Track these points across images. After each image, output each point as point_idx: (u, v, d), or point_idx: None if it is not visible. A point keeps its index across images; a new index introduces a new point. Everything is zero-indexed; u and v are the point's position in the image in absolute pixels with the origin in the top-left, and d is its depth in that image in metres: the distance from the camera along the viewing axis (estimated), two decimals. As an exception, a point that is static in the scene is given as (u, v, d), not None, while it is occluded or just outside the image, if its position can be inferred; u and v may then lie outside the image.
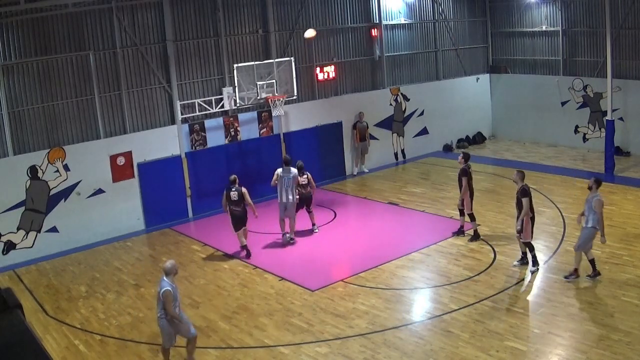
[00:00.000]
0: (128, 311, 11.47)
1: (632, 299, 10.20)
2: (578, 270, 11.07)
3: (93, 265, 14.08)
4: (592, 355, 8.63)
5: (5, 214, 14.28)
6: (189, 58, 16.91)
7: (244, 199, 13.42)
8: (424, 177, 19.32)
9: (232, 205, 13.47)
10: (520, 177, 11.65)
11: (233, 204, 13.46)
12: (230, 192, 13.42)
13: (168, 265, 8.93)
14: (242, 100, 16.73)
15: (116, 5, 15.51)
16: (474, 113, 23.47)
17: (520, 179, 11.63)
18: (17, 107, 14.53)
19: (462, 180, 13.34)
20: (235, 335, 10.21)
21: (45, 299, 12.30)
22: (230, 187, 13.46)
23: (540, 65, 22.53)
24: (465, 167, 13.43)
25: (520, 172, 11.78)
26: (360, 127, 19.91)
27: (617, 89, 19.00)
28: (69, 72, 15.16)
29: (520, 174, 11.70)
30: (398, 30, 21.47)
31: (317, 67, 19.31)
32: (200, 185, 17.11)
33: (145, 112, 16.42)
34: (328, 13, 19.58)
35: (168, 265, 8.92)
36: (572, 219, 14.32)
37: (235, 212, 13.50)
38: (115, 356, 9.85)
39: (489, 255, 12.66)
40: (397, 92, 21.32)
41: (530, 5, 22.27)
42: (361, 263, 12.80)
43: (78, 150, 15.21)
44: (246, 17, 17.81)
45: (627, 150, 19.88)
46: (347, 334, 9.90)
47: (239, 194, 13.39)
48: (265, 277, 12.57)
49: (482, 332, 9.54)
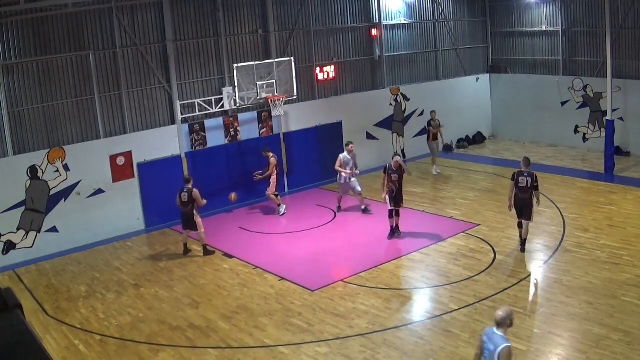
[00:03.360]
0: (128, 311, 11.46)
1: (632, 299, 10.21)
2: None
3: (93, 265, 14.08)
4: (592, 355, 8.63)
5: (5, 214, 14.28)
6: (189, 58, 16.91)
7: (194, 201, 13.72)
8: (424, 177, 19.32)
9: (182, 205, 13.87)
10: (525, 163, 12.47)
11: (182, 205, 13.85)
12: (182, 192, 13.82)
13: (502, 314, 6.36)
14: (242, 100, 16.73)
15: (116, 5, 15.51)
16: (474, 113, 23.47)
17: (526, 165, 12.41)
18: (17, 107, 14.53)
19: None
20: (235, 335, 10.20)
21: (45, 299, 12.29)
22: (182, 188, 13.89)
23: (540, 65, 22.53)
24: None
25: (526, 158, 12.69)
26: (434, 125, 19.45)
27: (617, 89, 19.00)
28: (69, 72, 15.16)
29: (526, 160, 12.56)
30: (398, 30, 21.47)
31: (317, 67, 19.31)
32: (200, 185, 16.97)
33: (145, 112, 16.42)
34: (328, 13, 19.58)
35: (502, 315, 6.35)
36: (571, 219, 14.35)
37: (183, 212, 13.91)
38: (115, 356, 9.85)
39: (489, 255, 12.66)
40: (397, 92, 21.32)
41: (530, 5, 22.27)
42: (361, 263, 12.80)
43: (78, 150, 15.21)
44: (246, 17, 17.81)
45: (627, 150, 19.88)
46: (347, 334, 9.89)
47: (188, 195, 13.72)
48: (265, 277, 12.57)
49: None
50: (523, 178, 12.20)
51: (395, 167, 13.78)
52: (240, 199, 17.70)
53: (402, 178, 13.87)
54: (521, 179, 12.20)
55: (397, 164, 13.76)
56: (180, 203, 13.92)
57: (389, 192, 13.84)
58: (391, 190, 13.83)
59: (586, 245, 12.74)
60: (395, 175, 13.77)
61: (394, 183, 13.76)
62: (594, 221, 14.11)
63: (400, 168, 13.82)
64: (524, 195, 12.19)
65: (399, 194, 13.90)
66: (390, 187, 13.81)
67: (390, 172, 13.84)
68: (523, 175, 12.23)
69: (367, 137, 20.62)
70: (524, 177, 12.19)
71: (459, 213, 15.49)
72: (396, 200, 13.86)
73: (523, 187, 12.18)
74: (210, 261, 13.73)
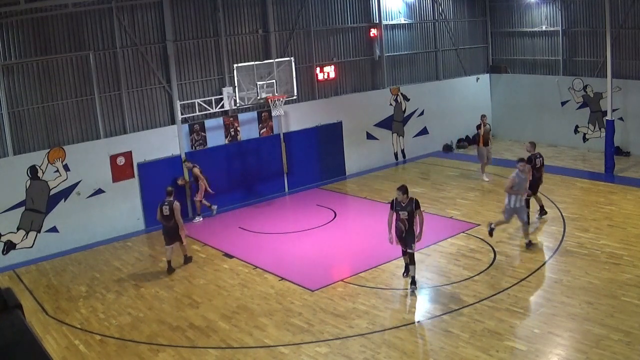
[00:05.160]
0: (128, 311, 11.46)
1: (632, 299, 10.20)
2: None
3: (93, 265, 14.07)
4: (592, 355, 8.62)
5: (5, 214, 14.28)
6: (189, 58, 16.91)
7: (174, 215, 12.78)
8: (424, 177, 19.32)
9: (163, 219, 12.91)
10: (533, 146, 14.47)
11: (164, 219, 12.88)
12: (163, 205, 12.84)
13: None
14: (242, 100, 16.73)
15: (116, 5, 15.51)
16: (474, 113, 23.35)
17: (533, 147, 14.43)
18: (17, 107, 14.53)
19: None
20: (235, 335, 10.20)
21: (45, 299, 12.29)
22: (164, 201, 12.91)
23: (540, 65, 22.53)
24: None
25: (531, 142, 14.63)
26: (485, 130, 18.28)
27: (617, 89, 19.00)
28: (69, 72, 15.17)
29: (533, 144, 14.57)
30: (398, 30, 21.47)
31: (317, 67, 19.31)
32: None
33: (145, 112, 16.42)
34: (328, 13, 19.58)
35: None
36: (571, 219, 14.35)
37: (166, 226, 12.98)
38: (115, 356, 9.85)
39: (489, 255, 12.65)
40: (397, 92, 21.32)
41: (530, 5, 22.27)
42: (361, 263, 12.80)
43: (78, 150, 15.21)
44: (246, 17, 17.81)
45: (627, 150, 19.88)
46: (347, 334, 9.89)
47: (170, 209, 12.78)
48: (265, 277, 12.57)
49: (482, 332, 9.53)
50: (538, 160, 14.25)
51: (404, 203, 10.95)
52: (240, 199, 17.75)
53: (413, 216, 10.92)
54: (537, 160, 14.23)
55: (406, 198, 10.93)
56: (161, 217, 12.92)
57: (396, 232, 11.17)
58: (399, 230, 11.11)
59: (586, 245, 12.74)
60: (404, 212, 10.94)
61: (402, 222, 11.00)
62: (594, 221, 14.11)
63: (412, 203, 10.93)
64: (539, 173, 14.26)
65: (410, 235, 11.03)
66: (399, 226, 11.08)
67: (398, 209, 11.01)
68: (537, 157, 14.27)
69: (367, 137, 20.62)
70: (538, 158, 14.26)
71: (459, 213, 15.49)
72: (406, 241, 11.12)
73: (538, 167, 14.16)
74: (210, 261, 13.72)
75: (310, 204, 17.44)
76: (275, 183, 18.60)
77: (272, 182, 18.49)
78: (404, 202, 10.90)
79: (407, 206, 10.89)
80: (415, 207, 10.88)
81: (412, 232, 10.98)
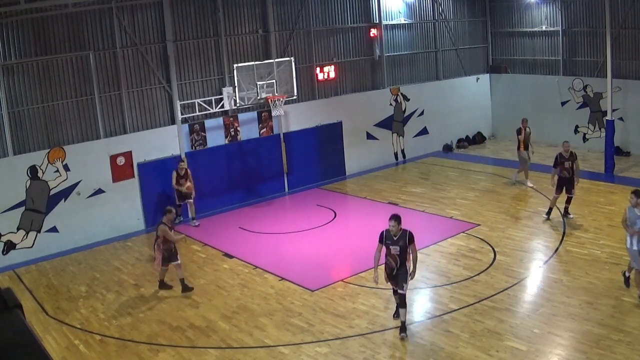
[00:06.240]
0: (128, 311, 11.46)
1: (632, 299, 10.20)
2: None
3: (93, 265, 14.07)
4: (592, 355, 8.62)
5: (5, 214, 14.28)
6: (189, 58, 16.91)
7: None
8: (424, 177, 19.32)
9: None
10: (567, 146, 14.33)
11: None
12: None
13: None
14: (242, 100, 16.73)
15: (116, 5, 15.50)
16: (474, 113, 23.47)
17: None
18: (17, 107, 14.53)
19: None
20: (235, 335, 10.20)
21: (45, 299, 12.29)
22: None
23: (540, 65, 22.53)
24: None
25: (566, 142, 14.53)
26: (526, 133, 17.49)
27: (617, 89, 19.00)
28: (69, 72, 15.16)
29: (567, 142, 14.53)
30: (398, 30, 21.46)
31: (317, 67, 19.30)
32: (200, 185, 17.07)
33: (145, 112, 16.42)
34: (328, 13, 19.58)
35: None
36: (572, 219, 14.34)
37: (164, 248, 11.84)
38: (115, 356, 9.84)
39: (489, 255, 12.65)
40: (397, 92, 21.32)
41: (530, 5, 22.27)
42: (361, 263, 12.77)
43: (78, 150, 15.20)
44: (246, 17, 17.81)
45: (627, 150, 19.88)
46: (347, 334, 9.89)
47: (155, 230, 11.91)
48: (265, 277, 12.57)
49: (482, 332, 9.53)
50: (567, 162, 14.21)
51: (396, 236, 9.30)
52: (240, 199, 17.76)
53: (405, 251, 9.33)
54: (566, 163, 14.17)
55: (399, 230, 9.30)
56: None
57: (385, 268, 9.65)
58: (389, 268, 9.55)
59: (586, 245, 12.74)
60: (396, 247, 9.32)
61: (393, 258, 9.40)
62: (594, 221, 14.11)
63: (405, 237, 9.31)
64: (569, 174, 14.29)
65: (402, 273, 9.40)
66: (389, 262, 9.52)
67: (388, 243, 9.37)
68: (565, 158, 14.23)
69: (367, 137, 20.62)
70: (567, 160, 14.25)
71: (459, 213, 15.49)
72: (396, 280, 9.49)
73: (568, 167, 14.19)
74: (210, 261, 13.72)
75: (310, 204, 17.44)
76: (275, 183, 18.61)
77: (272, 182, 18.50)
78: (396, 236, 9.27)
79: (399, 240, 9.27)
80: (408, 241, 9.28)
81: (404, 270, 9.36)
